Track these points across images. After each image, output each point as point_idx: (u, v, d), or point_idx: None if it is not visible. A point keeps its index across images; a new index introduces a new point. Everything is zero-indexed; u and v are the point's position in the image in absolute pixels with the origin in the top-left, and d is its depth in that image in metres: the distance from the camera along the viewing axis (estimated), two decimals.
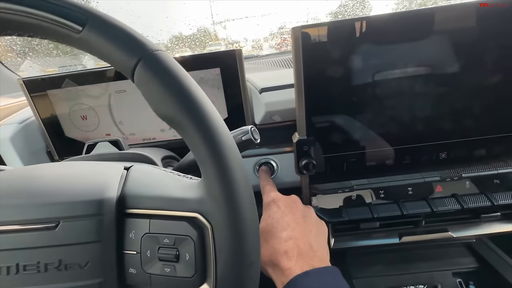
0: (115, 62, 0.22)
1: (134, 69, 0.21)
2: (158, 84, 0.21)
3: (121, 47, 0.21)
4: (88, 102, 0.56)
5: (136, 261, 0.24)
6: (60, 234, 0.23)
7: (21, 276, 0.23)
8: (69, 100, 0.56)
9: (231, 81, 0.54)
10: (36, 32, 0.21)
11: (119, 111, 0.57)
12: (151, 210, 0.24)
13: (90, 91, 0.55)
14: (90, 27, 0.20)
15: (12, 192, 0.25)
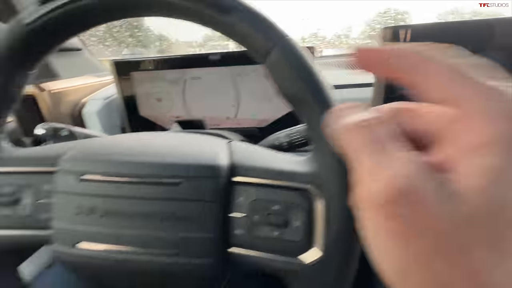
0: (251, 45, 0.25)
1: (269, 52, 0.24)
2: (291, 66, 0.23)
3: (260, 32, 0.24)
4: (165, 85, 0.61)
5: (243, 224, 0.27)
6: (181, 191, 0.26)
7: (146, 223, 0.26)
8: (149, 82, 0.62)
9: None
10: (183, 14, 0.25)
11: (191, 97, 0.62)
12: (260, 179, 0.27)
13: (168, 75, 0.61)
14: (236, 12, 0.23)
15: (138, 151, 0.29)
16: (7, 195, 0.30)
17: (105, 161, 0.28)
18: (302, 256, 0.25)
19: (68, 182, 0.28)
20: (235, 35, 0.25)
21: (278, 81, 0.25)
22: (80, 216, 0.27)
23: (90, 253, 0.27)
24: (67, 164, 0.28)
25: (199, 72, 0.59)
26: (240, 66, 0.58)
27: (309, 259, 0.25)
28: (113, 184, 0.27)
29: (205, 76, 0.60)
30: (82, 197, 0.28)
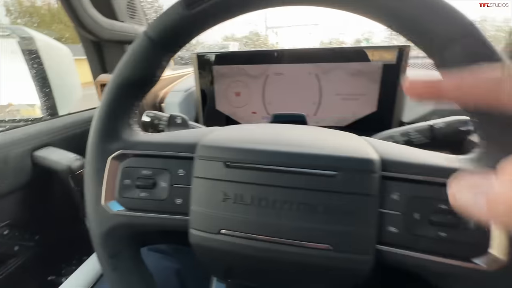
0: (428, 35, 0.23)
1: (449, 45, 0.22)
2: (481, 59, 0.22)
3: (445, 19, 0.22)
4: (245, 80, 0.62)
5: (399, 221, 0.25)
6: (337, 183, 0.25)
7: (297, 213, 0.26)
8: (229, 76, 0.62)
9: (390, 77, 0.54)
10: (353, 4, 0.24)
11: (271, 92, 0.62)
12: (418, 176, 0.25)
13: (250, 70, 0.61)
14: None
15: (286, 142, 0.29)
16: (145, 177, 0.31)
17: (254, 150, 0.28)
18: (479, 260, 0.24)
19: (213, 168, 0.28)
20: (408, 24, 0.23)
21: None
22: (226, 202, 0.27)
23: (236, 240, 0.27)
24: (211, 150, 0.28)
25: (282, 68, 0.59)
26: (325, 63, 0.57)
27: (489, 265, 0.23)
28: (264, 172, 0.27)
29: (288, 72, 0.59)
30: (230, 184, 0.28)
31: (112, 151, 0.31)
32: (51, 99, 0.68)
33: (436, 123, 0.37)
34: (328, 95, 0.59)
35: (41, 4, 2.22)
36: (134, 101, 0.31)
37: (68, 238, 0.60)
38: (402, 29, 0.24)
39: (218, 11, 0.27)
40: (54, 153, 0.54)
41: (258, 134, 0.31)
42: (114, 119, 0.31)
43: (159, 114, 0.46)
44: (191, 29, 0.28)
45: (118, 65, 0.30)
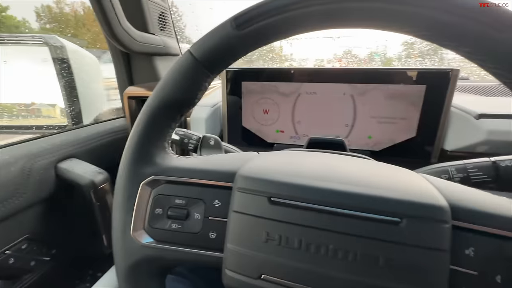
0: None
1: None
2: None
3: None
4: (275, 97, 0.59)
5: (476, 283, 0.21)
6: (401, 232, 0.22)
7: (353, 265, 0.22)
8: (258, 93, 0.60)
9: (434, 101, 0.51)
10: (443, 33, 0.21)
11: (301, 111, 0.59)
12: (503, 231, 0.22)
13: (281, 88, 0.58)
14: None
15: (341, 178, 0.25)
16: (178, 207, 0.28)
17: (305, 186, 0.25)
18: None
19: (255, 203, 0.25)
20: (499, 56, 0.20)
21: None
22: (268, 244, 0.24)
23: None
24: (253, 182, 0.25)
25: (316, 87, 0.56)
26: (362, 84, 0.54)
27: None
28: (316, 213, 0.24)
29: (321, 92, 0.57)
30: (274, 223, 0.24)
31: (145, 176, 0.29)
32: (77, 108, 0.68)
33: (501, 160, 0.33)
34: (362, 117, 0.56)
35: (68, 11, 2.37)
36: (171, 123, 0.29)
37: (85, 254, 0.58)
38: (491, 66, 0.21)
39: (267, 32, 0.24)
40: (78, 165, 0.52)
41: (307, 165, 0.28)
42: (149, 141, 0.29)
43: (189, 133, 0.43)
44: (238, 50, 0.26)
45: (158, 85, 0.28)
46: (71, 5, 1.33)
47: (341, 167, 0.28)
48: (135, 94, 0.58)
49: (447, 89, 0.49)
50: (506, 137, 0.45)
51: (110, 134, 0.65)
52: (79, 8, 1.34)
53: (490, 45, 0.20)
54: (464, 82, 0.76)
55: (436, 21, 0.21)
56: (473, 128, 0.48)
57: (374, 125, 0.55)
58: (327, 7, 0.22)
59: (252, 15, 0.24)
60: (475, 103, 0.52)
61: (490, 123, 0.47)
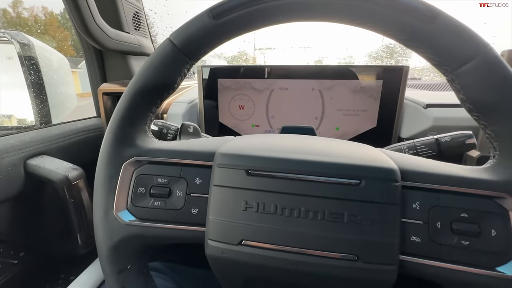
0: (450, 52, 0.24)
1: (468, 61, 0.24)
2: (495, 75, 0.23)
3: (464, 41, 0.23)
4: (250, 93, 0.63)
5: (422, 231, 0.26)
6: (361, 192, 0.26)
7: (322, 223, 0.26)
8: (233, 89, 0.63)
9: (390, 94, 0.57)
10: (381, 23, 0.26)
11: (275, 106, 0.63)
12: (439, 186, 0.26)
13: (255, 84, 0.62)
14: (440, 21, 0.24)
15: (308, 151, 0.29)
16: (160, 186, 0.30)
17: (278, 158, 0.28)
18: (502, 269, 0.24)
19: (233, 176, 0.28)
20: (433, 42, 0.24)
21: (471, 88, 0.25)
22: (247, 212, 0.27)
23: (259, 251, 0.26)
24: (231, 159, 0.28)
25: (287, 83, 0.61)
26: (328, 80, 0.59)
27: None
28: (288, 181, 0.27)
29: (292, 87, 0.61)
30: (252, 192, 0.27)
31: (127, 157, 0.30)
32: (46, 107, 0.66)
33: (442, 137, 0.39)
34: (330, 110, 0.61)
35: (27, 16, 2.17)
36: (151, 107, 0.31)
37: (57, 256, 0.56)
38: (423, 50, 0.26)
39: (242, 22, 0.27)
40: (49, 162, 0.51)
41: (279, 142, 0.31)
42: (130, 124, 0.30)
43: (168, 124, 0.45)
44: (215, 38, 0.28)
45: (138, 70, 0.29)
46: (30, 10, 1.24)
47: (309, 143, 0.31)
48: (110, 90, 0.58)
49: (400, 83, 0.56)
50: (449, 123, 0.52)
51: (84, 133, 0.63)
52: (40, 13, 1.26)
53: (420, 33, 0.25)
54: (417, 81, 0.86)
55: (376, 12, 0.25)
56: (422, 116, 0.55)
57: (340, 117, 0.61)
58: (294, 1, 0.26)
59: (228, 6, 0.27)
60: (424, 96, 0.60)
61: (435, 111, 0.54)
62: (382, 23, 0.26)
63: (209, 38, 0.28)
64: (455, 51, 0.24)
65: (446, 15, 0.24)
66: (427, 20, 0.24)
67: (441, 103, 0.54)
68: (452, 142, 0.38)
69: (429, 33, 0.24)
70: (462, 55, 0.24)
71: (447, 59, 0.25)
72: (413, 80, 0.88)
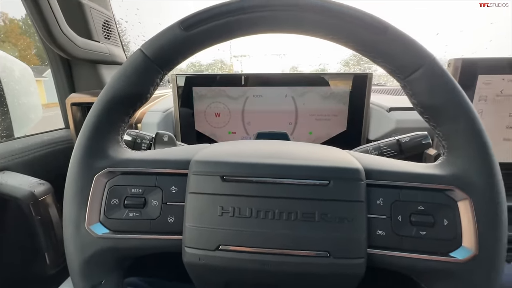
0: (399, 62, 0.27)
1: (416, 70, 0.27)
2: (439, 82, 0.26)
3: (411, 51, 0.26)
4: (225, 101, 0.64)
5: (386, 225, 0.28)
6: (330, 191, 0.28)
7: (296, 223, 0.27)
8: (208, 97, 0.63)
9: (357, 99, 0.61)
10: (337, 34, 0.28)
11: (250, 113, 0.64)
12: (399, 182, 0.29)
13: (230, 92, 0.63)
14: (390, 33, 0.27)
15: (278, 155, 0.30)
16: (135, 196, 0.29)
17: (251, 164, 0.29)
18: (454, 254, 0.27)
19: (209, 183, 0.28)
20: (384, 52, 0.27)
21: (420, 93, 0.28)
22: (224, 217, 0.27)
23: (237, 255, 0.27)
24: (206, 166, 0.29)
25: (261, 90, 0.63)
26: (300, 87, 0.62)
27: (462, 256, 0.26)
28: (262, 185, 0.28)
29: (266, 94, 0.63)
30: (227, 198, 0.28)
31: (99, 169, 0.29)
32: (7, 119, 0.62)
33: (402, 137, 0.42)
34: (303, 115, 0.64)
35: None
36: (123, 117, 0.30)
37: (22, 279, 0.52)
38: (379, 60, 0.28)
39: (213, 34, 0.29)
40: (12, 177, 0.48)
41: (252, 148, 0.32)
42: (102, 135, 0.30)
43: (142, 133, 0.44)
44: (186, 50, 0.29)
45: (110, 80, 0.29)
46: None
47: (281, 148, 0.33)
48: (80, 100, 0.56)
49: (366, 89, 0.60)
50: (410, 124, 0.57)
51: (51, 145, 0.60)
52: None
53: (374, 45, 0.27)
54: (382, 87, 0.92)
55: (336, 26, 0.28)
56: (387, 119, 0.60)
57: (313, 122, 0.64)
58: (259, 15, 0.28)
59: (199, 18, 0.28)
60: (388, 100, 0.64)
61: (397, 114, 0.58)
62: (342, 36, 0.28)
63: (180, 49, 0.29)
64: (405, 61, 0.27)
65: (394, 28, 0.27)
66: (378, 33, 0.27)
67: (402, 106, 0.59)
68: (411, 142, 0.42)
69: (382, 44, 0.27)
70: (411, 64, 0.27)
71: (399, 68, 0.28)
72: (378, 86, 0.94)
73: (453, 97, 0.27)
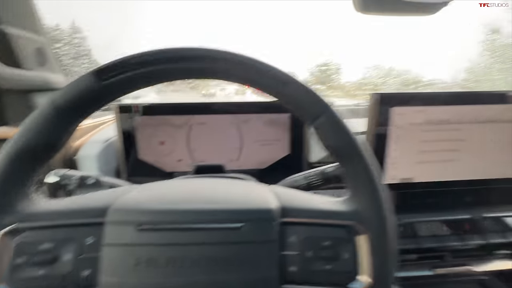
0: (304, 110, 0.30)
1: (318, 117, 0.30)
2: (336, 128, 0.30)
3: (312, 101, 0.29)
4: (169, 129, 0.64)
5: (297, 260, 0.30)
6: (243, 234, 0.29)
7: (209, 268, 0.28)
8: (152, 126, 0.63)
9: (297, 125, 0.65)
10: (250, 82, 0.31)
11: (196, 141, 0.65)
12: (309, 219, 0.31)
13: (174, 120, 0.63)
14: (292, 85, 0.30)
15: (194, 199, 0.31)
16: (44, 252, 0.28)
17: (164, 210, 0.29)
18: (352, 285, 0.30)
19: (124, 233, 0.28)
20: (290, 102, 0.30)
21: (324, 138, 0.31)
22: (138, 268, 0.28)
23: None
24: (122, 214, 0.29)
25: (205, 118, 0.64)
26: (243, 114, 0.64)
27: (360, 286, 0.29)
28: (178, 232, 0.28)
29: (210, 122, 0.64)
30: (142, 248, 0.28)
31: (3, 226, 0.28)
32: None
33: (327, 167, 0.46)
34: (248, 141, 0.66)
35: None
36: (33, 168, 0.29)
37: None
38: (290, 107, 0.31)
39: (127, 84, 0.29)
40: None
41: (172, 192, 0.33)
42: (8, 189, 0.28)
43: (69, 174, 0.42)
44: (100, 99, 0.29)
45: (18, 130, 0.28)
46: None
47: (199, 190, 0.34)
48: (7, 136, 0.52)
49: None
50: None
51: None
52: None
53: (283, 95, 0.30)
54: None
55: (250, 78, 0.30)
56: None
57: (258, 147, 0.66)
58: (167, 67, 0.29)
59: (113, 69, 0.28)
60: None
61: None
62: (255, 85, 0.31)
63: (94, 99, 0.29)
64: (308, 109, 0.30)
65: (296, 82, 0.30)
66: (282, 85, 0.29)
67: None
68: (333, 173, 0.46)
69: (287, 94, 0.30)
70: (313, 112, 0.30)
71: (304, 115, 0.31)
72: None
73: (349, 140, 0.30)
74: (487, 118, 0.54)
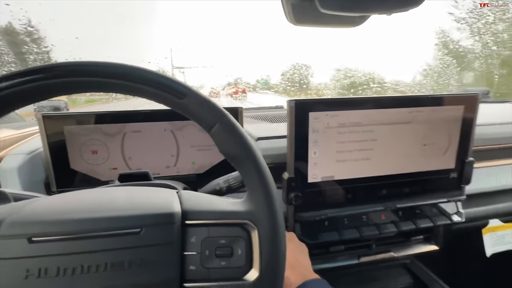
0: (200, 119, 0.33)
1: (213, 126, 0.33)
2: (229, 135, 0.33)
3: (207, 111, 0.32)
4: (102, 138, 0.63)
5: (196, 260, 0.32)
6: (143, 238, 0.30)
7: (106, 274, 0.28)
8: (83, 135, 0.62)
9: None
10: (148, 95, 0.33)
11: (130, 148, 0.65)
12: (209, 221, 0.34)
13: (105, 129, 0.63)
14: (188, 96, 0.32)
15: (91, 208, 0.32)
16: None
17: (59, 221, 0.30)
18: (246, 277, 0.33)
19: (14, 246, 0.28)
20: (187, 112, 0.32)
21: (220, 144, 0.34)
22: (28, 280, 0.28)
23: None
24: (13, 228, 0.29)
25: (139, 126, 0.64)
26: (177, 121, 0.66)
27: (251, 279, 0.32)
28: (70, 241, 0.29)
29: (145, 130, 0.64)
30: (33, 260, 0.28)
31: None
32: None
33: None
34: (184, 147, 0.67)
35: None
36: None
37: None
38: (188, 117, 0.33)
39: (15, 100, 0.29)
40: None
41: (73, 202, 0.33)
42: None
43: None
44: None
45: None
46: None
47: (98, 198, 0.34)
48: None
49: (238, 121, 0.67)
50: (275, 152, 0.66)
51: None
52: None
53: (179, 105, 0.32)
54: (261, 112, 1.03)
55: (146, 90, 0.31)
56: None
57: (195, 152, 0.68)
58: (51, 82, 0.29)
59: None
60: (258, 129, 0.73)
61: (264, 143, 0.67)
62: (154, 97, 0.32)
63: None
64: (204, 118, 0.33)
65: (193, 92, 0.32)
66: (179, 96, 0.31)
67: (270, 135, 0.67)
68: None
69: (184, 105, 0.32)
70: (208, 121, 0.32)
71: (202, 124, 0.33)
72: (261, 111, 1.04)
73: (242, 146, 0.33)
74: (392, 120, 0.62)
